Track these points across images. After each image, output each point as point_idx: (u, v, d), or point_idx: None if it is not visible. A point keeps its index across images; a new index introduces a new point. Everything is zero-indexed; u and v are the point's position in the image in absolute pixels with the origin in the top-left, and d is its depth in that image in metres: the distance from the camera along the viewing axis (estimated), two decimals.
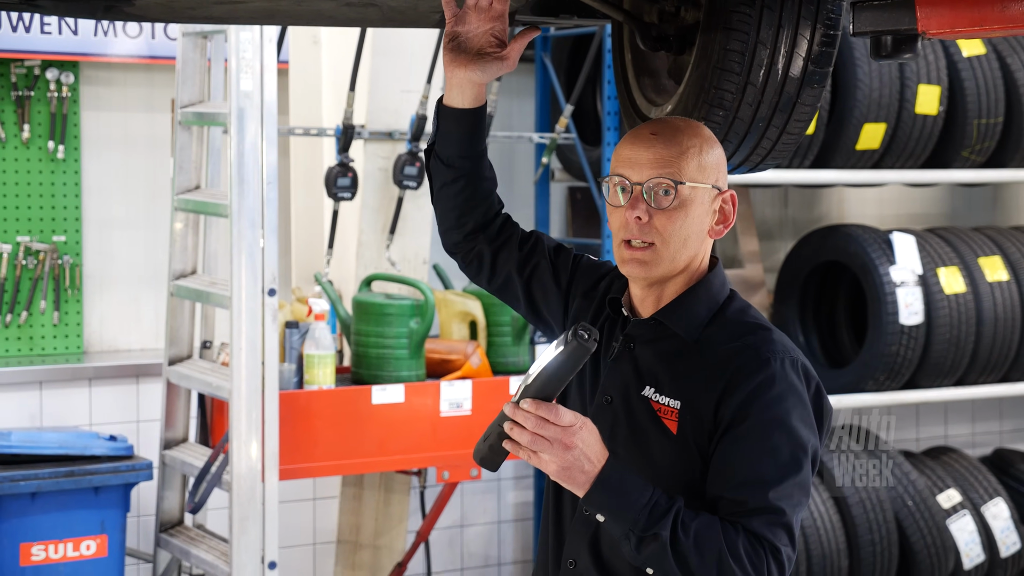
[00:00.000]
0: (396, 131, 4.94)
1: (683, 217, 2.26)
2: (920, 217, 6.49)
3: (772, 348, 2.24)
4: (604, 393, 2.33)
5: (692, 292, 2.31)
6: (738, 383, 2.21)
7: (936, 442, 6.35)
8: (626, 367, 2.32)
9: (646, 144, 2.28)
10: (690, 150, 2.28)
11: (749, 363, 2.22)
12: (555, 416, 2.11)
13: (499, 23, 2.36)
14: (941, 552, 5.51)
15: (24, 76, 4.91)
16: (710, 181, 2.29)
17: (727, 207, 2.32)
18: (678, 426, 2.24)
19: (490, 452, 2.18)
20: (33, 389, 4.83)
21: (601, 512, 2.16)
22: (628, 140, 2.31)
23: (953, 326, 5.47)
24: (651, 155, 2.27)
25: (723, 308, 2.32)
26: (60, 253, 4.99)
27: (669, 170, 2.26)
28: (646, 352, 2.31)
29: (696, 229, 2.29)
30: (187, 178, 4.53)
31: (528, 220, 5.73)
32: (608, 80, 5.11)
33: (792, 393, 2.21)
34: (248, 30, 4.11)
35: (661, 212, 2.26)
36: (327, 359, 4.40)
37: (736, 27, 2.50)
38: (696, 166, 2.28)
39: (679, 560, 2.14)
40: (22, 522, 4.22)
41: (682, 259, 2.29)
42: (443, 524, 5.49)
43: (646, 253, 2.27)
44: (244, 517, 4.17)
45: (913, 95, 5.42)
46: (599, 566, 2.30)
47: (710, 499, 2.21)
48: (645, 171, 2.26)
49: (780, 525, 2.17)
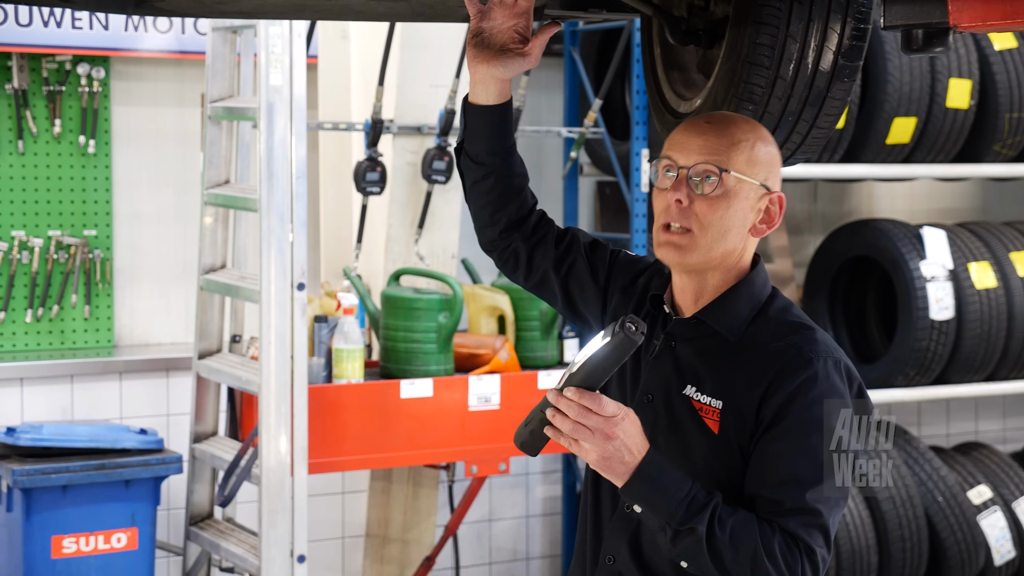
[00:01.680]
0: (425, 126, 4.95)
1: (724, 207, 2.25)
2: (951, 211, 6.45)
3: (815, 348, 2.23)
4: (645, 391, 2.32)
5: (734, 290, 2.30)
6: (781, 383, 2.20)
7: (966, 438, 6.32)
8: (667, 365, 2.31)
9: (698, 131, 2.28)
10: (742, 143, 2.27)
11: (792, 363, 2.21)
12: (598, 406, 2.11)
13: (523, 19, 2.37)
14: (972, 548, 5.48)
15: (55, 71, 4.94)
16: (759, 178, 2.28)
17: (773, 208, 2.30)
18: (720, 426, 2.23)
19: (531, 437, 2.19)
20: (64, 383, 4.86)
21: (639, 503, 2.17)
22: (682, 126, 2.31)
23: (984, 321, 5.44)
24: (701, 141, 2.26)
25: (765, 307, 2.31)
26: (91, 247, 5.02)
27: (717, 157, 2.25)
28: (687, 350, 2.31)
29: (737, 223, 2.27)
30: (217, 173, 4.54)
31: (556, 215, 5.72)
32: (637, 74, 5.10)
33: (834, 394, 2.21)
34: (277, 25, 4.12)
35: (702, 198, 2.25)
36: (356, 353, 4.41)
37: (766, 21, 2.49)
38: (746, 159, 2.26)
39: (714, 555, 2.14)
40: (53, 515, 4.25)
41: (718, 250, 2.27)
42: (471, 518, 5.49)
43: (682, 238, 2.26)
44: (273, 511, 4.18)
45: (944, 89, 5.39)
46: (638, 562, 2.30)
47: (748, 497, 2.21)
48: (693, 156, 2.26)
49: (816, 526, 2.17)
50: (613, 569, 2.33)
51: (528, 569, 5.73)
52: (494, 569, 5.67)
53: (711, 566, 2.14)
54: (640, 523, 2.28)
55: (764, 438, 2.20)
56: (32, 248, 4.94)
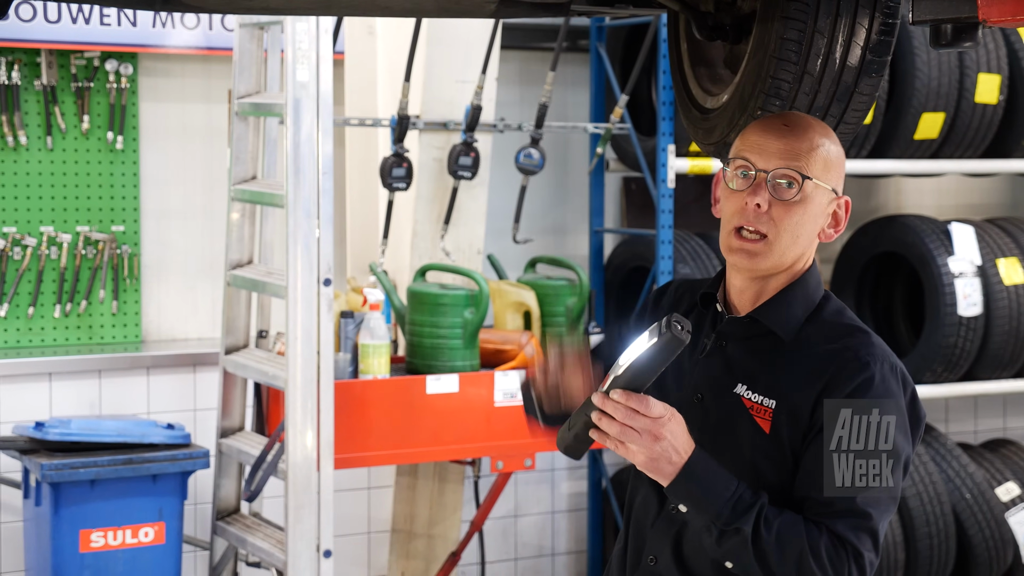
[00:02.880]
0: (451, 121, 4.95)
1: (801, 213, 2.24)
2: (979, 207, 6.42)
3: (872, 352, 2.23)
4: (694, 391, 2.31)
5: (789, 291, 2.29)
6: (837, 385, 2.20)
7: (994, 434, 6.29)
8: (718, 364, 2.30)
9: (777, 133, 2.26)
10: (819, 148, 2.25)
11: (849, 365, 2.21)
12: (645, 408, 2.11)
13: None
14: (999, 546, 5.45)
15: (84, 68, 4.96)
16: (831, 183, 2.27)
17: (840, 212, 2.30)
18: (771, 425, 2.22)
19: (575, 441, 2.19)
20: (92, 378, 4.89)
21: (685, 502, 2.17)
22: (759, 127, 2.29)
23: (1012, 317, 5.41)
24: (781, 145, 2.24)
25: (819, 308, 2.31)
26: (119, 243, 5.04)
27: (797, 163, 2.23)
28: (739, 350, 2.29)
29: (809, 228, 2.27)
30: (244, 168, 4.55)
31: (583, 210, 5.72)
32: (663, 70, 5.09)
33: (889, 398, 2.21)
34: (304, 21, 4.13)
35: (781, 204, 2.23)
36: (382, 349, 4.42)
37: (793, 16, 2.49)
38: (822, 165, 2.25)
39: (759, 556, 2.14)
40: (81, 509, 4.27)
41: (790, 256, 2.27)
42: (497, 514, 5.50)
43: (757, 245, 2.25)
44: (300, 506, 4.19)
45: (973, 84, 5.36)
46: (680, 564, 2.29)
47: (798, 499, 2.20)
48: (773, 160, 2.24)
49: (865, 529, 2.17)
50: (655, 570, 2.32)
51: (554, 565, 5.73)
52: (520, 565, 5.67)
53: (756, 567, 2.14)
54: (683, 525, 2.28)
55: (817, 440, 2.19)
56: (60, 244, 4.96)
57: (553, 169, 5.59)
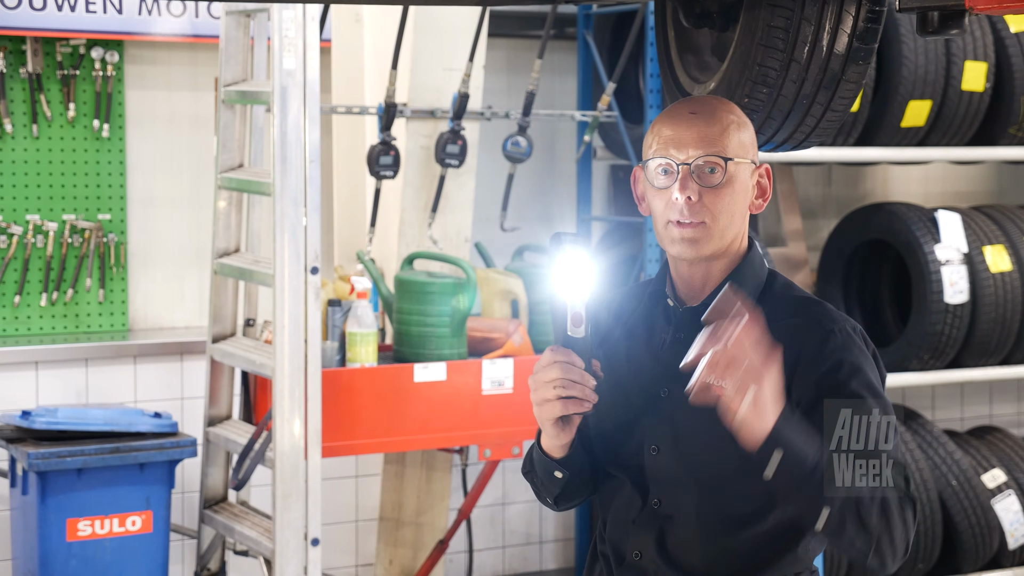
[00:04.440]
0: (438, 109, 4.94)
1: (730, 194, 2.25)
2: (966, 195, 6.43)
3: (832, 317, 2.26)
4: (659, 386, 2.30)
5: (737, 273, 2.30)
6: (808, 355, 2.21)
7: (981, 421, 6.31)
8: (680, 357, 2.25)
9: (687, 123, 2.26)
10: (731, 126, 2.27)
11: (813, 334, 2.23)
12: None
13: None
14: (985, 532, 5.47)
15: (69, 55, 4.94)
16: (749, 156, 2.29)
17: (763, 181, 2.32)
18: None
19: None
20: (79, 366, 4.88)
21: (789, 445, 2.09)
22: (667, 120, 2.28)
23: (999, 305, 5.42)
24: (694, 133, 2.25)
25: (768, 285, 2.32)
26: (105, 231, 5.03)
27: (715, 148, 2.24)
28: None
29: (741, 206, 2.28)
30: (230, 156, 4.54)
31: (570, 198, 5.72)
32: (651, 58, 5.08)
33: (863, 356, 2.23)
34: (291, 8, 4.12)
35: (710, 190, 2.24)
36: (369, 337, 4.42)
37: (780, 3, 2.49)
38: (737, 142, 2.26)
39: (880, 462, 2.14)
40: (69, 498, 4.26)
41: (729, 236, 2.28)
42: (485, 502, 5.50)
43: (697, 230, 2.25)
44: (287, 494, 4.19)
45: (959, 72, 5.36)
46: (665, 558, 2.28)
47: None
48: (691, 150, 2.24)
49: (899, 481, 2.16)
50: (640, 565, 2.31)
51: (541, 552, 5.74)
52: (507, 552, 5.68)
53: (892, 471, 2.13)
54: (667, 519, 2.27)
55: (813, 413, 2.16)
56: (47, 232, 4.95)
57: (541, 157, 5.59)
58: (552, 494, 2.35)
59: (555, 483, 2.32)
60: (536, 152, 5.24)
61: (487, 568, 5.63)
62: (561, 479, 2.31)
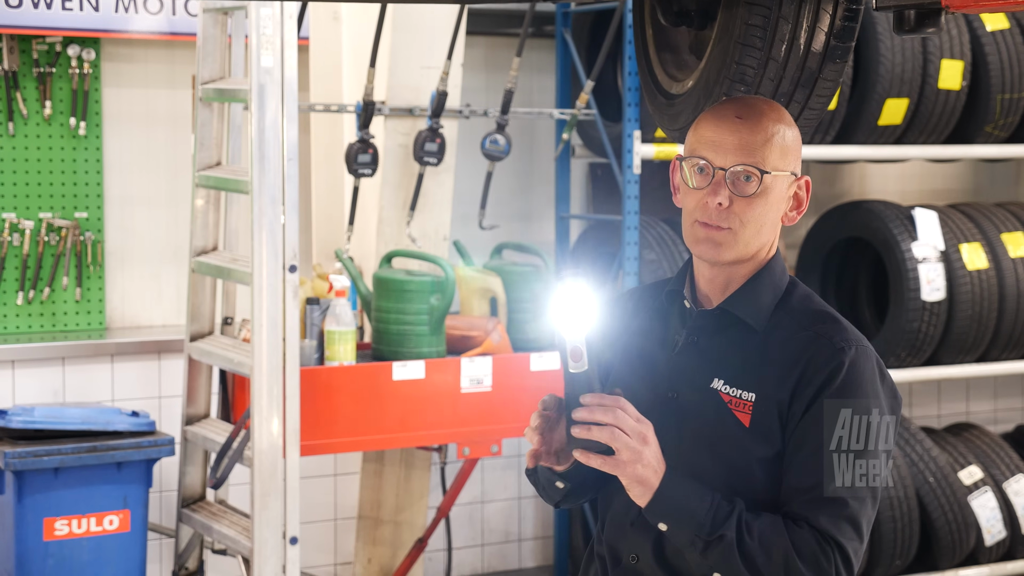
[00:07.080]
0: (416, 107, 4.94)
1: (763, 204, 2.24)
2: (942, 193, 6.46)
3: (845, 337, 2.23)
4: (669, 388, 2.29)
5: (757, 279, 2.29)
6: (813, 372, 2.19)
7: (958, 419, 6.33)
8: (692, 359, 2.29)
9: (731, 127, 2.23)
10: (774, 137, 2.24)
11: (823, 352, 2.21)
12: (627, 407, 2.14)
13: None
14: (962, 528, 5.50)
15: (46, 53, 4.92)
16: (790, 168, 2.27)
17: (801, 193, 2.30)
18: (751, 419, 2.21)
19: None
20: (56, 365, 4.86)
21: (666, 519, 2.17)
22: (711, 121, 2.26)
23: (975, 302, 5.45)
24: (736, 140, 2.23)
25: (787, 295, 2.30)
26: (82, 229, 5.01)
27: (754, 158, 2.22)
28: (712, 343, 2.28)
29: (772, 216, 2.26)
30: (208, 155, 4.53)
31: (549, 196, 5.72)
32: (629, 56, 5.09)
33: (866, 383, 2.21)
34: (268, 6, 4.11)
35: (742, 199, 2.22)
36: (348, 335, 4.41)
37: (758, 1, 2.49)
38: (779, 153, 2.25)
39: (747, 561, 2.13)
40: (46, 497, 4.25)
41: (755, 245, 2.26)
42: (463, 500, 5.50)
43: (722, 234, 2.23)
44: (266, 493, 4.18)
45: (936, 70, 5.38)
46: (661, 562, 2.28)
47: (784, 489, 2.20)
48: (729, 156, 2.23)
49: (846, 519, 2.17)
50: (636, 568, 2.31)
51: (520, 550, 5.74)
52: (486, 550, 5.68)
53: (744, 572, 2.14)
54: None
55: (798, 430, 2.19)
56: (23, 230, 4.93)
57: (519, 155, 5.59)
58: (554, 500, 2.36)
59: (557, 491, 2.33)
60: (515, 150, 5.24)
61: (466, 566, 5.63)
62: (563, 489, 2.32)
